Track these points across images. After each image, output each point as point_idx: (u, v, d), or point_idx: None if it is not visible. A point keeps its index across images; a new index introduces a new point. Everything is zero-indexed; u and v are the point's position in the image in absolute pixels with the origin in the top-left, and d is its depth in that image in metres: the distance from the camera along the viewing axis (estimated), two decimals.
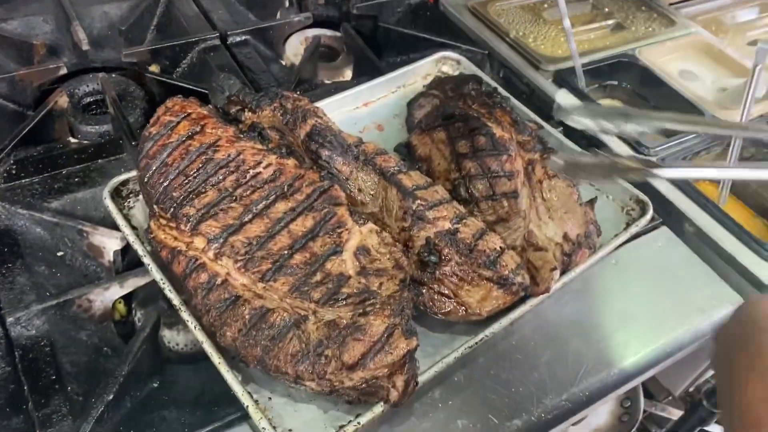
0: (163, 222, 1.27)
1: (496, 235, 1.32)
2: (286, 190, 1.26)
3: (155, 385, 1.31)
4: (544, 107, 1.86)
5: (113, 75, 1.91)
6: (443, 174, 1.51)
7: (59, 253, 1.45)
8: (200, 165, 1.28)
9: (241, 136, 1.34)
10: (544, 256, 1.37)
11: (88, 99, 1.90)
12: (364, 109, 1.78)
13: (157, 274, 1.28)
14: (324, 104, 1.70)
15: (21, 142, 1.60)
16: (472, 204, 1.43)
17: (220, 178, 1.27)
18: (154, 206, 1.28)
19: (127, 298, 1.48)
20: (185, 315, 1.23)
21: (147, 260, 1.30)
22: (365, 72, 1.99)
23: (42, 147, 1.65)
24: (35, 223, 1.45)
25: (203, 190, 1.26)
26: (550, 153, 1.46)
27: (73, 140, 1.73)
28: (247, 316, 1.14)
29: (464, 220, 1.31)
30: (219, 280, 1.18)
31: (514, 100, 1.74)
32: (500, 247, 1.30)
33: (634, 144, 1.80)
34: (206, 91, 1.60)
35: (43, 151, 1.63)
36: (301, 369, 1.11)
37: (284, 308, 1.16)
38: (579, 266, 1.40)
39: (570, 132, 1.79)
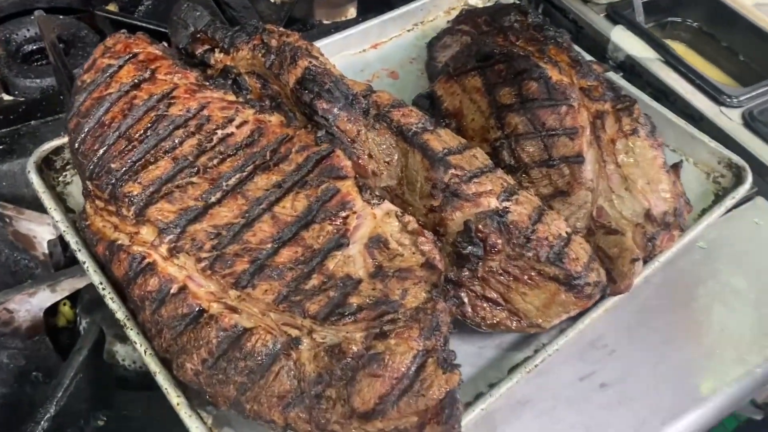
0: (100, 204, 0.92)
1: (557, 215, 0.97)
2: (268, 157, 0.90)
3: (100, 423, 0.97)
4: (596, 48, 1.50)
5: (60, 17, 1.53)
6: (479, 133, 1.15)
7: None
8: (148, 125, 0.93)
9: (207, 84, 0.97)
10: (620, 241, 1.02)
11: (30, 47, 1.54)
12: (373, 52, 1.42)
13: (95, 276, 0.93)
14: (321, 45, 1.33)
15: None
16: (519, 172, 1.08)
17: (176, 142, 0.91)
18: (88, 182, 0.92)
19: (75, 298, 1.13)
20: (132, 334, 0.88)
21: (82, 256, 0.95)
22: (373, 8, 1.61)
23: None
24: None
25: (152, 160, 0.90)
26: (627, 103, 1.09)
27: (6, 97, 1.37)
28: (214, 341, 0.80)
29: (515, 196, 0.95)
30: (174, 288, 0.83)
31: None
32: (566, 233, 0.94)
33: (711, 92, 1.42)
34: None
35: None
36: (293, 416, 0.78)
37: (267, 327, 0.81)
38: (664, 254, 1.05)
39: (633, 78, 1.43)
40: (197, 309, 0.83)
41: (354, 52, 1.40)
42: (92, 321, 1.09)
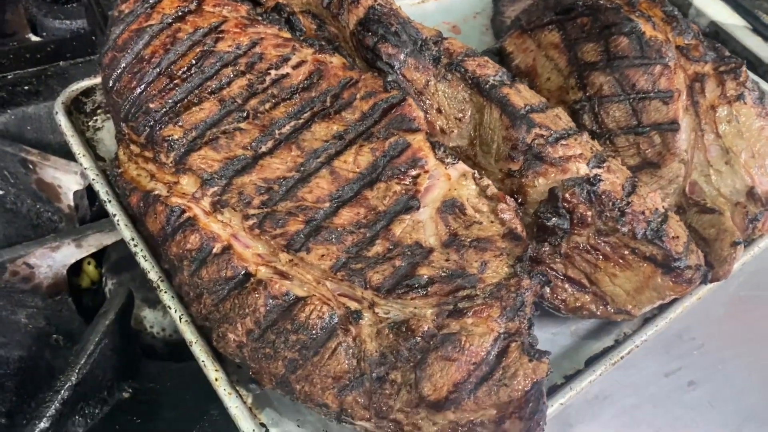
0: (136, 150, 0.81)
1: (651, 189, 0.84)
2: (328, 103, 0.78)
3: (125, 395, 0.87)
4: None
5: None
6: (555, 94, 1.03)
7: None
8: (194, 61, 0.81)
9: (259, 18, 0.85)
10: (718, 221, 0.90)
11: None
12: (433, 3, 1.30)
13: (126, 231, 0.83)
14: None
15: None
16: (602, 139, 0.95)
17: (224, 81, 0.80)
18: (122, 124, 0.81)
19: (100, 257, 1.04)
20: (166, 298, 0.78)
21: (113, 208, 0.85)
22: None
23: None
24: None
25: (196, 101, 0.79)
26: (733, 65, 0.95)
27: (34, 38, 1.26)
28: (262, 309, 0.69)
29: (606, 163, 0.82)
30: (217, 247, 0.72)
31: None
32: (663, 208, 0.81)
33: None
34: None
35: None
36: (350, 400, 0.67)
37: (323, 297, 0.70)
38: (766, 238, 0.92)
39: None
40: (243, 272, 0.72)
41: (412, 2, 1.27)
42: (119, 283, 0.99)
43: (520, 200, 0.83)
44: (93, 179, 0.88)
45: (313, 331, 0.69)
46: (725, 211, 0.91)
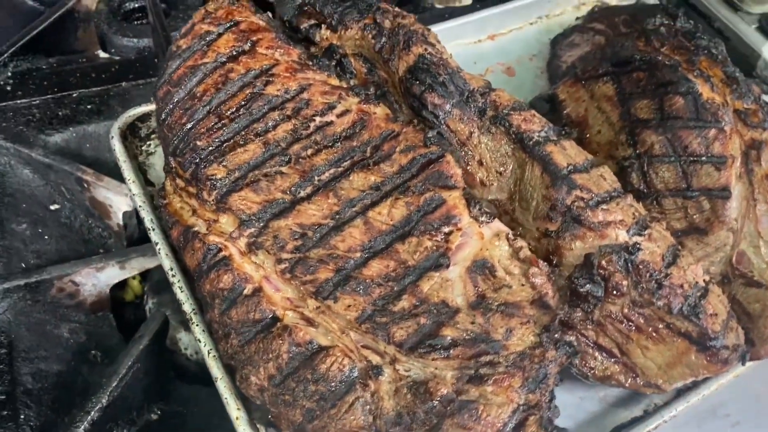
0: (181, 184, 0.83)
1: (693, 259, 0.82)
2: (368, 154, 0.79)
3: (153, 417, 0.90)
4: (743, 64, 1.34)
5: None
6: (604, 148, 1.01)
7: (52, 207, 1.05)
8: (242, 102, 0.83)
9: (310, 63, 0.87)
10: (764, 296, 0.87)
11: (132, 4, 1.48)
12: (489, 43, 1.29)
13: (166, 261, 0.86)
14: (435, 30, 1.21)
15: (26, 48, 1.20)
16: (649, 199, 0.93)
17: (270, 125, 0.82)
18: (170, 158, 0.84)
19: (145, 273, 1.07)
20: (197, 331, 0.80)
21: (156, 237, 0.88)
22: None
23: (56, 59, 1.24)
24: (23, 163, 1.05)
25: (242, 142, 0.81)
26: None
27: (103, 55, 1.32)
28: (285, 356, 0.70)
29: (648, 230, 0.80)
30: (249, 289, 0.74)
31: None
32: (704, 281, 0.79)
33: None
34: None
35: (57, 65, 1.22)
36: None
37: (345, 348, 0.70)
38: None
39: None
40: (270, 316, 0.73)
41: (469, 41, 1.27)
42: (159, 302, 1.02)
43: (555, 262, 0.82)
44: (140, 206, 0.91)
45: (332, 384, 0.69)
46: None
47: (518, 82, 1.23)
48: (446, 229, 0.76)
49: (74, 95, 1.15)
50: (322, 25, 1.00)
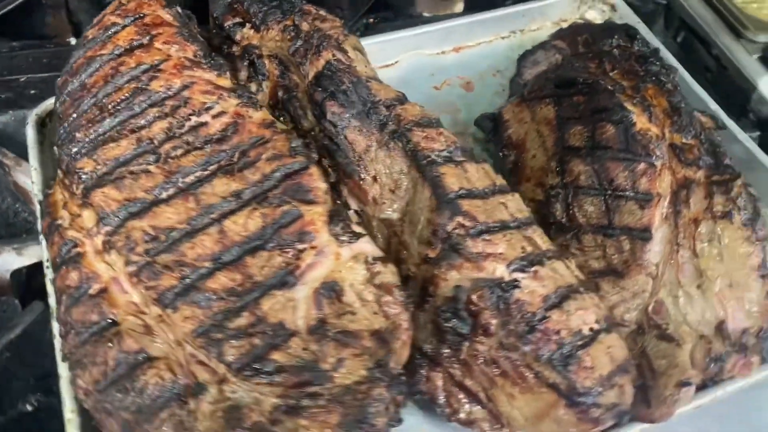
0: (60, 175, 0.81)
1: (592, 300, 0.74)
2: (235, 159, 0.75)
3: (29, 408, 0.88)
4: (737, 96, 1.20)
5: None
6: (536, 174, 0.94)
7: None
8: (126, 96, 0.80)
9: (203, 62, 0.84)
10: (673, 353, 0.77)
11: None
12: (453, 56, 1.22)
13: (45, 252, 0.83)
14: (390, 39, 1.16)
15: None
16: (569, 234, 0.85)
17: (147, 121, 0.78)
18: (55, 148, 0.82)
19: None
20: (54, 325, 0.78)
21: (41, 225, 0.86)
22: (483, 7, 1.39)
23: (21, 43, 1.25)
24: None
25: (116, 136, 0.78)
26: (728, 176, 0.82)
27: (74, 42, 1.31)
28: (111, 362, 0.67)
29: (535, 267, 0.73)
30: (94, 288, 0.71)
31: (686, 76, 1.10)
32: (591, 330, 0.71)
33: None
34: None
35: (20, 48, 1.23)
36: None
37: (173, 362, 0.66)
38: (732, 383, 0.78)
39: None
40: (108, 320, 0.70)
41: (431, 52, 1.21)
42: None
43: (430, 290, 0.75)
44: (35, 194, 0.90)
45: (149, 397, 0.65)
46: (686, 342, 0.79)
47: (475, 98, 1.16)
48: (300, 246, 0.71)
49: (22, 80, 1.16)
50: (247, 24, 0.97)
